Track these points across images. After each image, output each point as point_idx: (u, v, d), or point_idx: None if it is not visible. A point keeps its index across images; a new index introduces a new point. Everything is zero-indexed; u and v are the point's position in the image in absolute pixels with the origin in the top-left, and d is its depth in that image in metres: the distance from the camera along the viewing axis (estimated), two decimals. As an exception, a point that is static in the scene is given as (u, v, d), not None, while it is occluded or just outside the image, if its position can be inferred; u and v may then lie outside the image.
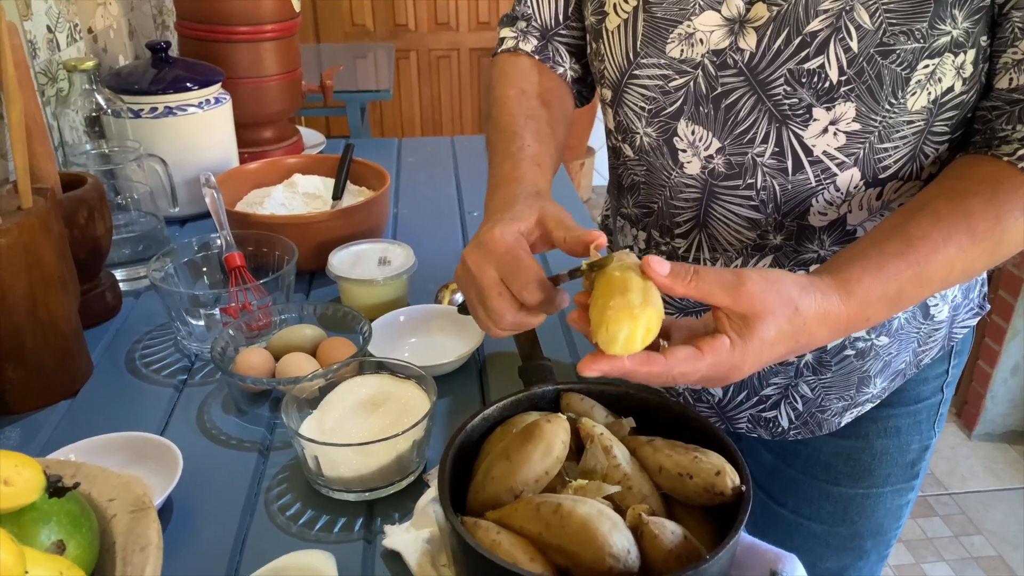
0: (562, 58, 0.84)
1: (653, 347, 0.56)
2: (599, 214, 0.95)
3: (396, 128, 3.77)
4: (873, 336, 0.76)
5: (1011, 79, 0.63)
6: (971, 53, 0.63)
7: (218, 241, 1.03)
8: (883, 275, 0.58)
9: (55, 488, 0.49)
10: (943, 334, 0.81)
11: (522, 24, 0.85)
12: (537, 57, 0.84)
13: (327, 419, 0.75)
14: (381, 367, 0.81)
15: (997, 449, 2.28)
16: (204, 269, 1.03)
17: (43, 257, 0.82)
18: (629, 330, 0.53)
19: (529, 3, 0.83)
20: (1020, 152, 0.62)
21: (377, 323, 0.93)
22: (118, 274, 1.09)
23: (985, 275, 0.83)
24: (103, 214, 0.98)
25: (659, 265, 0.55)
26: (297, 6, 1.50)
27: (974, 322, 0.83)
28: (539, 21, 0.84)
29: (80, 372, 0.89)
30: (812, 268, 0.73)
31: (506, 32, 0.87)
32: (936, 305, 0.78)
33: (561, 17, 0.83)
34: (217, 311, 0.94)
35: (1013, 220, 0.60)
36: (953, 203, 0.61)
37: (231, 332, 0.89)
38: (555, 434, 0.59)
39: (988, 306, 0.85)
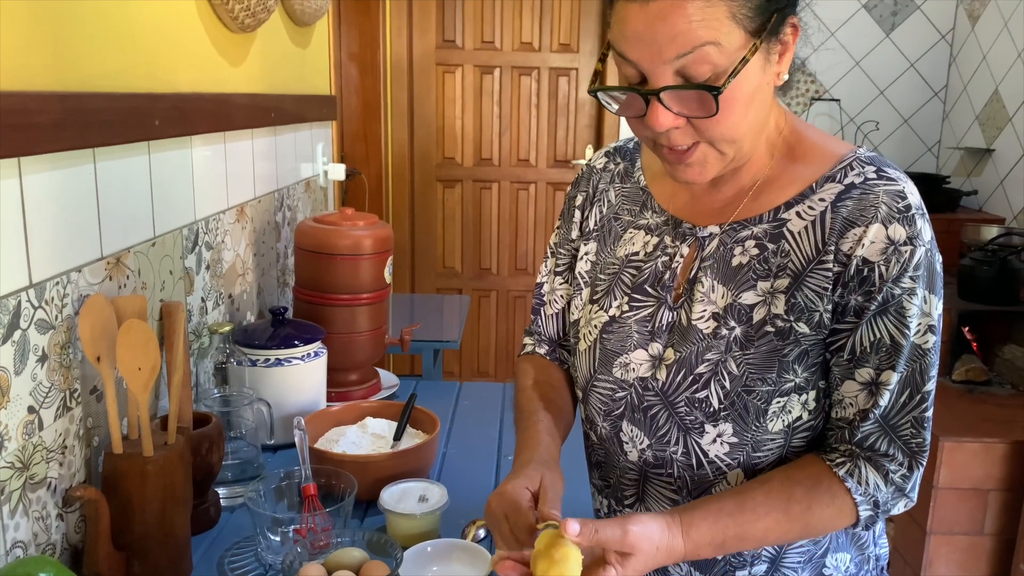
0: (565, 358, 1.16)
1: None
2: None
3: (472, 361, 4.17)
4: None
5: (836, 412, 0.90)
6: (812, 393, 0.90)
7: (299, 472, 1.33)
8: (716, 527, 0.84)
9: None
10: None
11: (536, 336, 1.18)
12: (548, 358, 1.16)
13: (359, 626, 1.00)
14: (405, 588, 1.05)
15: None
16: (285, 493, 1.33)
17: (175, 481, 1.13)
18: None
19: (540, 324, 1.17)
20: (838, 461, 0.88)
21: (409, 552, 1.19)
22: (220, 491, 1.39)
23: (880, 551, 1.03)
24: (219, 447, 1.31)
25: (571, 527, 0.79)
26: (388, 279, 1.90)
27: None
28: (546, 336, 1.17)
29: (184, 572, 1.17)
30: None
31: (527, 340, 1.20)
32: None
33: (560, 334, 1.16)
34: (291, 530, 1.22)
35: (821, 509, 0.86)
36: (784, 486, 0.87)
37: (299, 549, 1.15)
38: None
39: None
